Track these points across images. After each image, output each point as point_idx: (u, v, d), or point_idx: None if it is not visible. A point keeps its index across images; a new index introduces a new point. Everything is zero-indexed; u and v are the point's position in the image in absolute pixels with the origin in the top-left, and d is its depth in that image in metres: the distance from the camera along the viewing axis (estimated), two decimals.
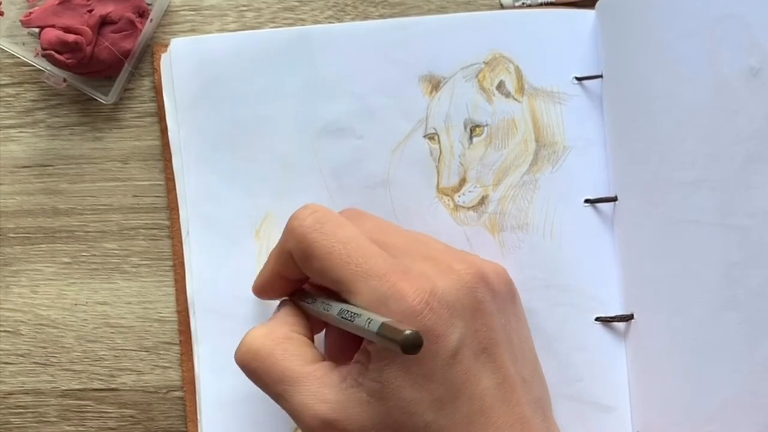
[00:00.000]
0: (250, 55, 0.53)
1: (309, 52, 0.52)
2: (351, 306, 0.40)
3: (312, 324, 0.46)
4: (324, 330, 0.48)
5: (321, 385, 0.41)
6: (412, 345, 0.35)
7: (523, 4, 0.53)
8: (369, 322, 0.38)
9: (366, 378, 0.39)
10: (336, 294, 0.42)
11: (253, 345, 0.43)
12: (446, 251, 0.45)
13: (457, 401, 0.39)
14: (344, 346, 0.44)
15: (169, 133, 0.53)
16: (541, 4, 0.53)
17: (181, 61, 0.53)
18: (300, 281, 0.47)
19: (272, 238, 0.52)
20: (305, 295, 0.46)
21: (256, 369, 0.43)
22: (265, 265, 0.47)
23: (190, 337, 0.52)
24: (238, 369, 0.43)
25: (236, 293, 0.51)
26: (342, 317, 0.40)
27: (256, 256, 0.52)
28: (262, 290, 0.48)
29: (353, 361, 0.41)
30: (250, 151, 0.52)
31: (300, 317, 0.45)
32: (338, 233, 0.42)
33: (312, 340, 0.45)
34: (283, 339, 0.43)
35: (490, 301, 0.42)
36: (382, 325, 0.36)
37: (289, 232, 0.43)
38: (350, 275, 0.40)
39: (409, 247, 0.44)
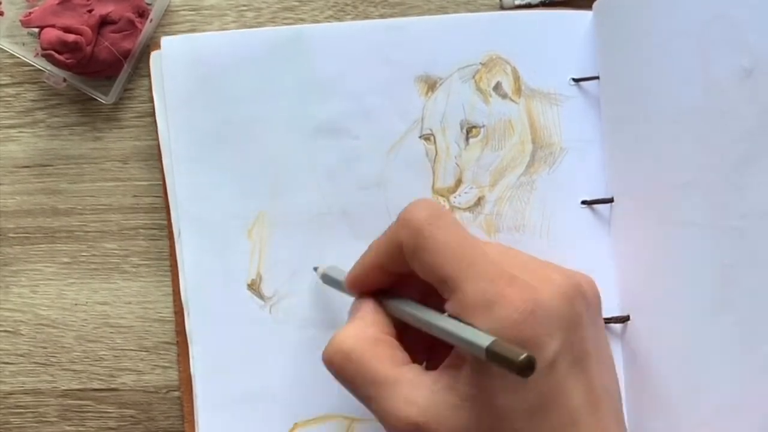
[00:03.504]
0: (244, 54, 0.52)
1: (304, 51, 0.52)
2: (451, 319, 0.40)
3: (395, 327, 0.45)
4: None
5: (412, 388, 0.40)
6: (527, 367, 0.34)
7: (523, 4, 0.53)
8: (476, 338, 0.37)
9: (460, 383, 0.39)
10: (429, 296, 0.42)
11: (344, 346, 0.42)
12: (537, 261, 0.44)
13: (549, 411, 0.39)
14: (418, 346, 0.44)
15: (159, 133, 0.53)
16: (540, 4, 0.53)
17: (173, 59, 0.53)
18: (399, 276, 0.44)
19: (265, 238, 0.52)
20: (393, 297, 0.45)
21: (346, 370, 0.42)
22: (365, 255, 0.45)
23: (186, 338, 0.52)
24: (232, 369, 0.42)
25: (229, 294, 0.51)
26: (446, 329, 0.40)
27: (248, 256, 0.52)
28: (358, 281, 0.45)
29: (445, 364, 0.40)
30: (242, 150, 0.52)
31: (386, 318, 0.44)
32: (452, 230, 0.41)
33: (398, 340, 0.44)
34: (374, 340, 0.42)
35: (586, 313, 0.42)
36: (495, 343, 0.36)
37: (404, 223, 0.42)
38: (460, 274, 0.40)
39: (503, 257, 0.43)
